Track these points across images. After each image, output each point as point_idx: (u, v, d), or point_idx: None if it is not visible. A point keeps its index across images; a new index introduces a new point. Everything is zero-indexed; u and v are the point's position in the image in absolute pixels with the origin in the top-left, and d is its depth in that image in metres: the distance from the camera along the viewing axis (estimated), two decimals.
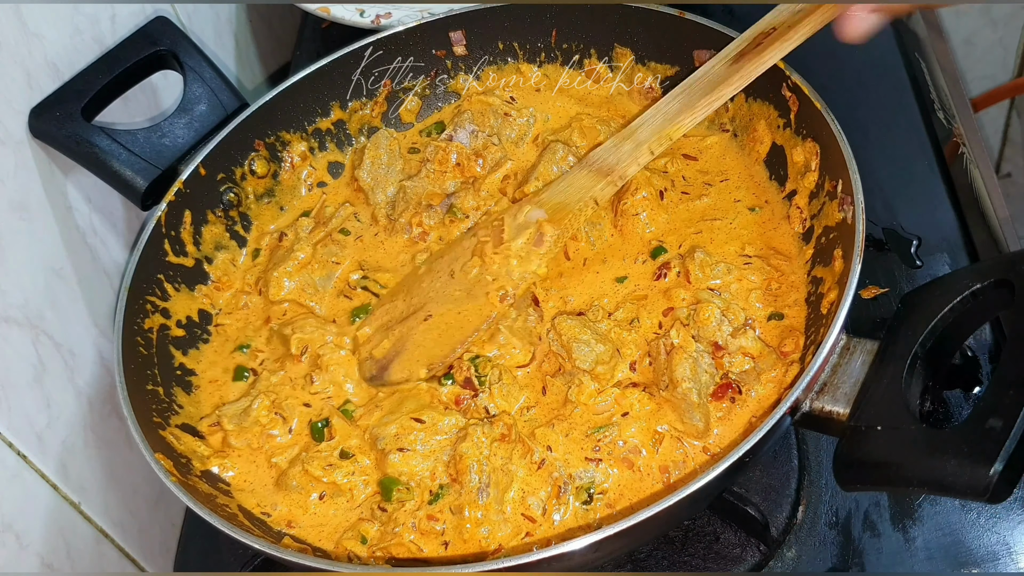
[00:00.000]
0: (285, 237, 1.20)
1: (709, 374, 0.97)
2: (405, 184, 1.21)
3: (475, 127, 1.24)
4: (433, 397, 1.02)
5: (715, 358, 0.98)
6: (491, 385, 1.01)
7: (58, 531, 1.05)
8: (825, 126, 1.02)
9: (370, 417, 1.02)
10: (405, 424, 0.98)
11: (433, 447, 0.97)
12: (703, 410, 0.95)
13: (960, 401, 1.06)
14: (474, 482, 0.93)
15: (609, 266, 1.11)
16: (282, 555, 0.85)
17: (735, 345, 0.98)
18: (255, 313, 1.15)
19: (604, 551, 0.86)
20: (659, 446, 0.95)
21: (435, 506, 0.95)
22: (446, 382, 1.02)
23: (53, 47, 1.09)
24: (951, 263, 1.18)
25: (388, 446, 0.97)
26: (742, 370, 0.97)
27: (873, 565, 0.98)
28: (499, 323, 1.05)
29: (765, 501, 0.98)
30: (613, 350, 1.01)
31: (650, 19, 1.23)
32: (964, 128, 1.37)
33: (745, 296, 1.03)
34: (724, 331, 0.99)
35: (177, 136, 1.17)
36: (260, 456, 1.02)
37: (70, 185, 1.13)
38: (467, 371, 1.02)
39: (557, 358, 1.02)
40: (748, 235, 1.09)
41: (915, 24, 1.52)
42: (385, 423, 0.99)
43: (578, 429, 0.97)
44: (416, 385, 1.03)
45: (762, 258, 1.06)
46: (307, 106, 1.27)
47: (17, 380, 1.00)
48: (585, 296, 1.08)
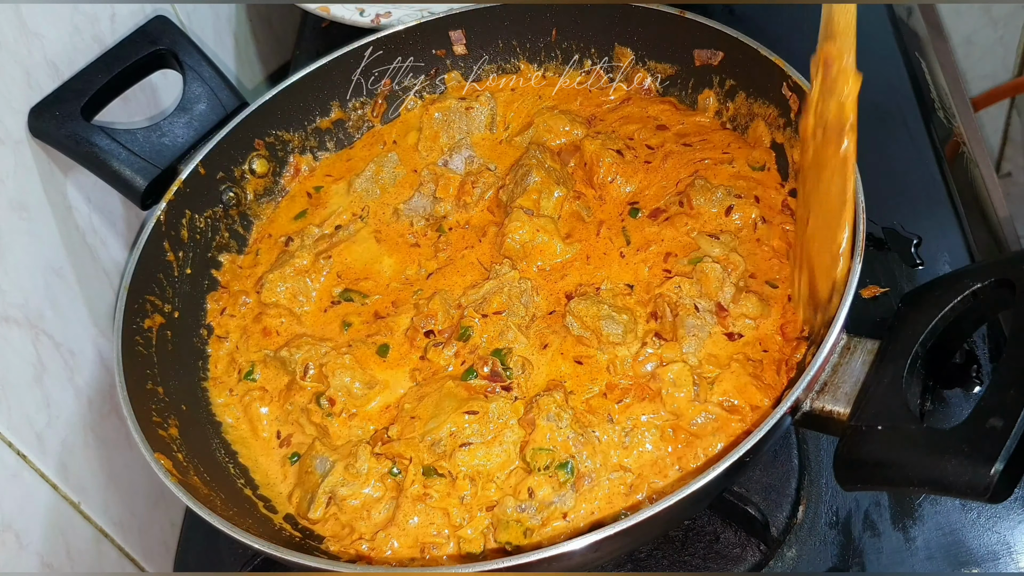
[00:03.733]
0: (291, 242, 1.20)
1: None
2: (400, 207, 1.22)
3: (471, 152, 1.25)
4: (468, 392, 1.01)
5: (719, 319, 1.01)
6: (517, 376, 1.01)
7: (58, 531, 1.05)
8: None
9: (412, 430, 1.00)
10: (457, 421, 0.97)
11: (494, 433, 0.97)
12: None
13: (960, 401, 1.06)
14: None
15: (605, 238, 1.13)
16: (282, 555, 0.84)
17: (737, 312, 1.01)
18: (251, 311, 1.15)
19: (604, 551, 0.86)
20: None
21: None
22: (470, 377, 1.02)
23: (53, 46, 1.09)
24: (951, 263, 1.18)
25: (449, 447, 0.96)
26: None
27: (873, 565, 0.98)
28: (507, 319, 1.05)
29: (765, 501, 0.98)
30: (631, 315, 1.03)
31: (650, 18, 1.23)
32: (964, 127, 1.37)
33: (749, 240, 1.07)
34: (727, 292, 1.01)
35: (177, 135, 1.17)
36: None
37: (70, 185, 1.13)
38: (491, 364, 1.02)
39: (583, 343, 1.03)
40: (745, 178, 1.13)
41: (915, 23, 1.52)
42: (434, 428, 0.98)
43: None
44: (444, 384, 1.02)
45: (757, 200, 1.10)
46: (307, 105, 1.27)
47: (17, 380, 1.00)
48: (590, 274, 1.10)
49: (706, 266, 1.03)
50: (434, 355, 1.06)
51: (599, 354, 1.02)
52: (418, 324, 1.08)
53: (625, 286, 1.07)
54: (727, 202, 1.09)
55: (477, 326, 1.06)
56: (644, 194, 1.16)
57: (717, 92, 1.21)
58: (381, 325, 1.10)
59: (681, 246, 1.08)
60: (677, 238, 1.09)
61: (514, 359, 1.03)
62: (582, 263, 1.11)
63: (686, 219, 1.10)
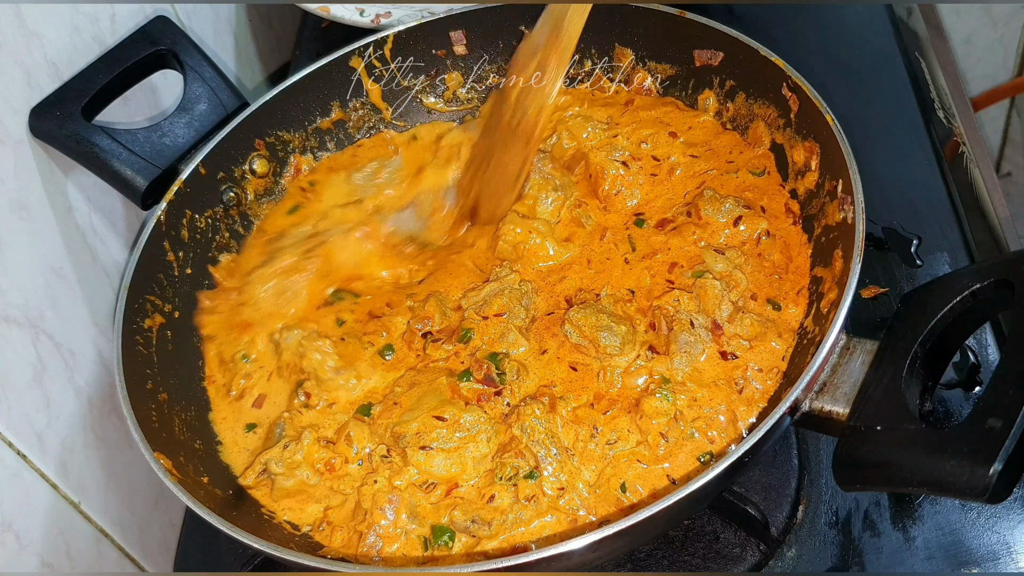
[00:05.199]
0: (281, 239, 1.20)
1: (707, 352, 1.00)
2: (389, 217, 1.21)
3: None
4: (454, 392, 1.01)
5: (714, 337, 1.00)
6: (511, 382, 1.01)
7: (58, 531, 1.05)
8: (825, 126, 1.02)
9: (390, 415, 1.01)
10: (427, 422, 0.97)
11: (456, 444, 0.97)
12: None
13: (960, 401, 1.06)
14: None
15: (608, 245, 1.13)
16: (282, 555, 0.85)
17: (732, 331, 1.00)
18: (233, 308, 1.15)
19: (604, 551, 0.86)
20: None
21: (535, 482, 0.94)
22: (465, 379, 1.02)
23: (53, 46, 1.09)
24: (951, 263, 1.18)
25: (410, 444, 0.96)
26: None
27: (873, 565, 0.98)
28: (508, 322, 1.05)
29: (765, 501, 0.98)
30: (630, 325, 1.02)
31: (650, 19, 1.23)
32: (964, 128, 1.37)
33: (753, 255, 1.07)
34: (724, 311, 1.01)
35: (177, 135, 1.17)
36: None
37: (70, 185, 1.13)
38: (486, 368, 1.02)
39: (580, 351, 1.03)
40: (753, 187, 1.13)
41: (915, 23, 1.52)
42: (406, 421, 0.98)
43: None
44: (437, 379, 1.02)
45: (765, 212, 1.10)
46: (307, 106, 1.28)
47: (17, 380, 1.00)
48: (594, 278, 1.10)
49: (706, 282, 1.02)
50: (433, 350, 1.06)
51: (595, 362, 1.02)
52: (414, 326, 1.08)
53: (627, 291, 1.07)
54: (736, 212, 1.09)
55: (478, 328, 1.06)
56: (650, 206, 1.15)
57: (717, 92, 1.20)
58: (378, 325, 1.10)
59: (688, 257, 1.08)
60: (684, 248, 1.08)
61: (509, 364, 1.02)
62: (582, 267, 1.11)
63: (694, 229, 1.09)
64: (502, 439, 0.97)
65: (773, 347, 0.99)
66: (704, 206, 1.09)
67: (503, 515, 0.92)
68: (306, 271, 1.15)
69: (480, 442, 0.97)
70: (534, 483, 0.93)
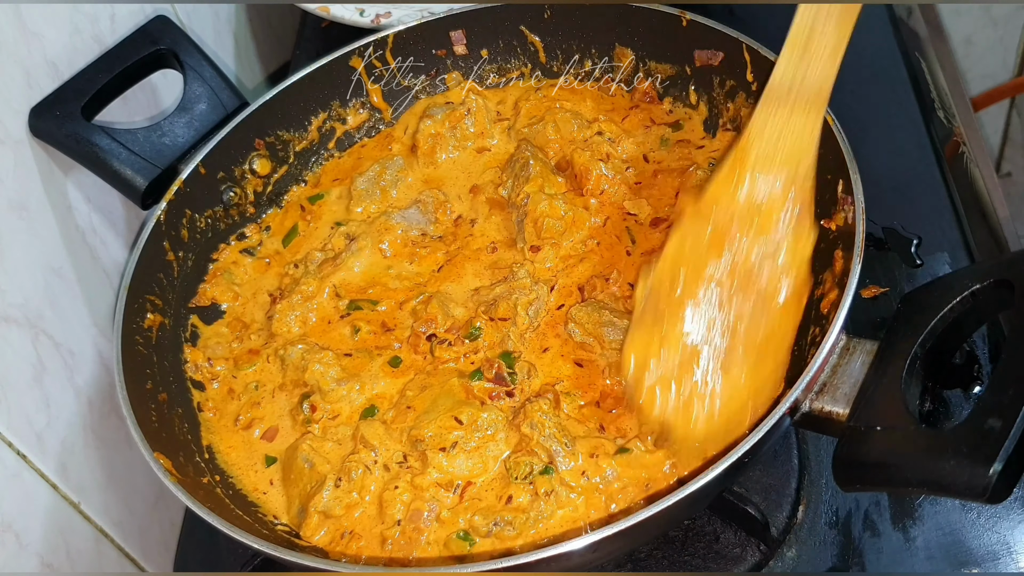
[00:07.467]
0: (296, 269, 1.19)
1: None
2: (394, 215, 1.20)
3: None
4: (468, 393, 1.01)
5: None
6: (522, 381, 1.01)
7: (58, 531, 1.05)
8: (825, 126, 1.02)
9: (404, 419, 1.00)
10: (445, 423, 0.97)
11: (477, 444, 0.97)
12: None
13: (960, 401, 1.06)
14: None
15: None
16: (282, 555, 0.85)
17: None
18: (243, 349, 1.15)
19: (603, 551, 0.86)
20: None
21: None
22: (476, 379, 1.02)
23: (53, 46, 1.09)
24: (951, 263, 1.18)
25: (429, 447, 0.96)
26: None
27: (873, 565, 0.98)
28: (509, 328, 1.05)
29: (765, 501, 0.98)
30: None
31: (651, 19, 1.23)
32: (964, 127, 1.37)
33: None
34: None
35: (177, 135, 1.17)
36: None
37: (70, 184, 1.13)
38: (496, 367, 1.02)
39: (585, 348, 1.03)
40: None
41: (915, 23, 1.52)
42: (422, 424, 0.98)
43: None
44: (448, 380, 1.02)
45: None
46: (307, 105, 1.27)
47: (17, 380, 1.00)
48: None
49: None
50: (441, 352, 1.06)
51: (600, 359, 1.02)
52: (417, 329, 1.08)
53: (628, 286, 1.07)
54: None
55: (486, 327, 1.06)
56: (640, 207, 1.15)
57: (717, 92, 1.20)
58: (390, 338, 1.09)
59: None
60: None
61: (520, 363, 1.02)
62: (595, 250, 1.11)
63: None
64: (513, 440, 0.97)
65: None
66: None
67: (524, 514, 0.92)
68: (323, 293, 1.14)
69: (499, 441, 0.97)
70: (551, 478, 0.93)
